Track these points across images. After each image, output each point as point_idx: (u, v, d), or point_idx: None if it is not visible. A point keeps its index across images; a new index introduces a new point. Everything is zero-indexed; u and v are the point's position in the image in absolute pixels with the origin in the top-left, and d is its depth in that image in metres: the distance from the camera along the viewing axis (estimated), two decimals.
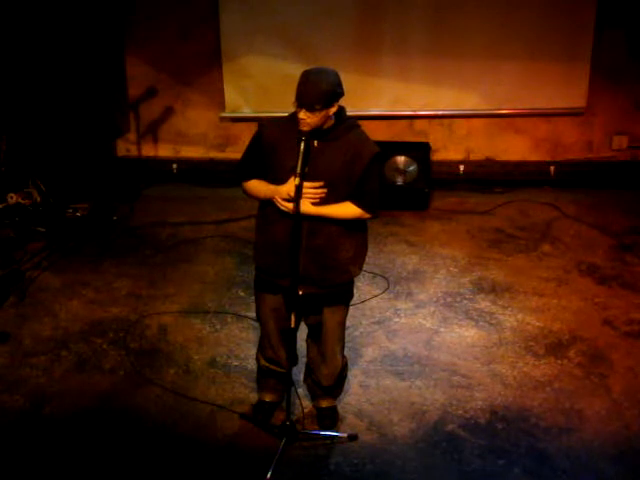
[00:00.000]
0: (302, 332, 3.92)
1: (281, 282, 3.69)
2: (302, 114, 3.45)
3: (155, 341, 4.84)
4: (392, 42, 6.77)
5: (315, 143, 3.54)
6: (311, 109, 3.43)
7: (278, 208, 3.58)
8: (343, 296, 3.86)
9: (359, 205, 3.60)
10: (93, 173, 6.83)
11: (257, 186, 3.68)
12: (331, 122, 3.57)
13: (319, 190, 3.53)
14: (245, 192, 3.75)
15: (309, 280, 3.66)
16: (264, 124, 3.70)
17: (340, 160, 3.55)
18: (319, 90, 3.43)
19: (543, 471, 3.79)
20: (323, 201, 3.57)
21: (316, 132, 3.52)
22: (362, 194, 3.60)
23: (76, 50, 6.73)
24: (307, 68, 3.55)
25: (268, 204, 3.67)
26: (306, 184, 3.49)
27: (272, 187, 3.60)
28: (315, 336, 3.94)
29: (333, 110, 3.51)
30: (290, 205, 3.51)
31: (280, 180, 3.56)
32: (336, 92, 3.48)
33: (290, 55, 6.59)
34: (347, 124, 3.61)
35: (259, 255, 3.80)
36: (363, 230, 3.77)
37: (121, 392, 4.36)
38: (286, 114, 3.65)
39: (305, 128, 3.48)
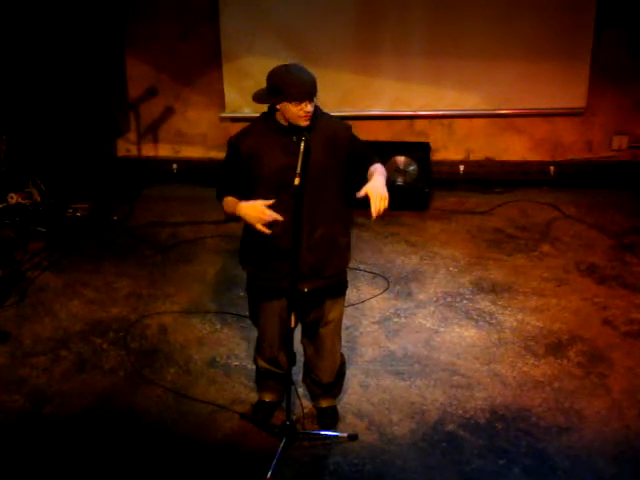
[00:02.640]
0: (297, 332, 3.91)
1: (283, 284, 3.67)
2: (309, 107, 3.46)
3: (155, 341, 4.84)
4: (392, 42, 6.77)
5: (294, 138, 3.53)
6: (313, 99, 3.48)
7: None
8: (342, 286, 3.89)
9: (378, 162, 3.65)
10: (93, 173, 6.84)
11: (228, 202, 3.65)
12: None
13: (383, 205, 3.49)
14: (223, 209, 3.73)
15: (313, 275, 3.67)
16: (235, 140, 3.64)
17: (323, 147, 3.56)
18: (313, 77, 3.49)
19: (543, 471, 3.78)
20: (317, 191, 3.55)
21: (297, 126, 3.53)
22: (366, 156, 3.65)
23: (76, 50, 6.74)
24: (282, 67, 3.52)
25: None
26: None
27: (240, 204, 3.54)
28: (311, 334, 3.94)
29: None
30: (264, 229, 3.47)
31: (275, 183, 3.53)
32: None
33: (290, 55, 6.56)
34: (316, 113, 3.61)
35: (256, 261, 3.75)
36: (350, 213, 3.80)
37: (121, 392, 4.36)
38: None
39: (308, 122, 3.50)
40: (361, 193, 3.46)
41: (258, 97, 3.55)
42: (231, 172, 3.67)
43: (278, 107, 3.50)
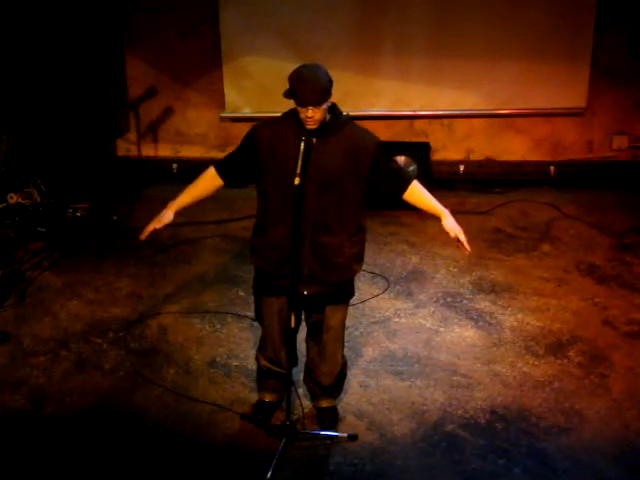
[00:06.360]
0: (302, 332, 3.92)
1: (284, 283, 3.67)
2: (310, 112, 3.45)
3: (155, 341, 4.84)
4: (392, 42, 6.77)
5: (314, 140, 3.54)
6: (318, 104, 3.44)
7: (279, 208, 3.58)
8: (345, 294, 3.86)
9: (412, 180, 3.75)
10: (93, 173, 6.84)
11: (193, 187, 3.96)
12: (328, 117, 3.57)
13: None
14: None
15: (314, 279, 3.66)
16: (258, 128, 3.68)
17: (340, 155, 3.55)
18: (321, 84, 3.46)
19: (543, 471, 3.78)
20: (326, 197, 3.55)
21: (315, 129, 3.52)
22: (395, 176, 3.73)
23: (76, 50, 6.74)
24: (299, 68, 3.53)
25: (268, 205, 3.67)
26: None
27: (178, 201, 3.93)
28: (315, 335, 3.94)
29: (329, 102, 3.53)
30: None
31: (282, 181, 3.54)
32: (331, 83, 3.52)
33: (290, 55, 6.58)
34: (342, 119, 3.61)
35: (260, 257, 3.76)
36: (363, 227, 3.77)
37: (121, 392, 4.36)
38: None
39: (313, 126, 3.49)
40: (451, 235, 3.75)
41: (284, 94, 3.56)
42: (240, 157, 3.72)
43: None
